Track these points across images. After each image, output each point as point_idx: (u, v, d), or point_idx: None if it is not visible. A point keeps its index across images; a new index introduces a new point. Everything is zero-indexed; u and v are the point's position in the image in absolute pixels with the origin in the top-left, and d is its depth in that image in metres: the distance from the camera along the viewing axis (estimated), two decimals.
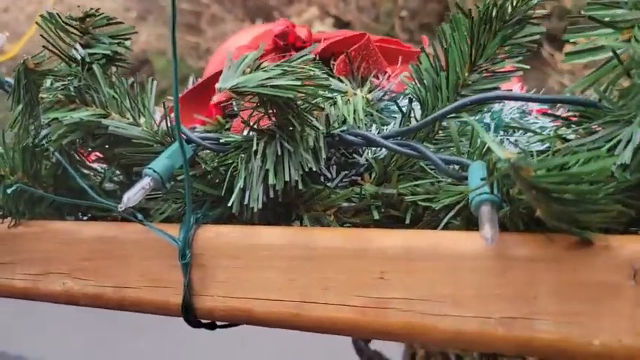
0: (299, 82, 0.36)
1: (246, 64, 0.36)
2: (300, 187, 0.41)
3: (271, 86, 0.35)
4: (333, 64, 0.55)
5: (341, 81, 0.51)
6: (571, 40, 0.36)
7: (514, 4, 0.43)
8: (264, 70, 0.36)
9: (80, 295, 0.47)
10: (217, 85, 0.36)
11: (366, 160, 0.44)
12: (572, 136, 0.36)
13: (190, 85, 0.70)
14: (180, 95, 0.65)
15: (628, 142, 0.32)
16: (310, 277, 0.39)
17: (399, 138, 0.42)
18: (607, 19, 0.35)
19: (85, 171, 0.54)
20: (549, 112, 0.49)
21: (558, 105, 0.51)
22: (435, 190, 0.40)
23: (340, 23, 2.09)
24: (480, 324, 0.33)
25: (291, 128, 0.41)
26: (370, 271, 0.37)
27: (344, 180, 0.44)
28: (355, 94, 0.49)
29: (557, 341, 0.32)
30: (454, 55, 0.43)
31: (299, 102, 0.40)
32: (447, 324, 0.34)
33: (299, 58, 0.39)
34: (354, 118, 0.45)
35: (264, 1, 2.41)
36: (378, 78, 0.55)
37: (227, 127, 0.54)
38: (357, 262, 0.38)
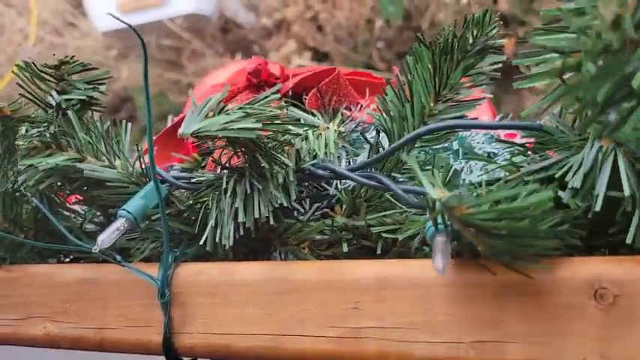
0: (259, 124, 0.37)
1: (209, 108, 0.37)
2: (272, 222, 0.42)
3: (233, 129, 0.36)
4: (305, 99, 0.57)
5: (313, 115, 0.53)
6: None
7: (474, 34, 0.45)
8: (227, 114, 0.37)
9: (60, 339, 0.48)
10: (179, 131, 0.36)
11: (336, 191, 0.45)
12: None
13: (169, 123, 0.71)
14: (158, 134, 0.67)
15: (579, 167, 0.33)
16: (287, 311, 0.40)
17: (366, 170, 0.43)
18: (553, 44, 0.37)
19: (66, 213, 0.54)
20: (505, 138, 0.50)
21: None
22: (402, 220, 0.41)
23: (319, 55, 2.12)
24: (453, 349, 0.34)
25: (261, 166, 0.42)
26: (345, 301, 0.38)
27: (316, 213, 0.45)
28: (327, 127, 0.50)
29: None
30: (418, 85, 0.44)
31: (266, 141, 0.41)
32: (420, 350, 0.35)
33: (263, 99, 0.40)
34: (326, 152, 0.46)
35: (244, 35, 2.44)
36: (349, 110, 0.57)
37: (203, 164, 0.55)
38: (331, 293, 0.39)
